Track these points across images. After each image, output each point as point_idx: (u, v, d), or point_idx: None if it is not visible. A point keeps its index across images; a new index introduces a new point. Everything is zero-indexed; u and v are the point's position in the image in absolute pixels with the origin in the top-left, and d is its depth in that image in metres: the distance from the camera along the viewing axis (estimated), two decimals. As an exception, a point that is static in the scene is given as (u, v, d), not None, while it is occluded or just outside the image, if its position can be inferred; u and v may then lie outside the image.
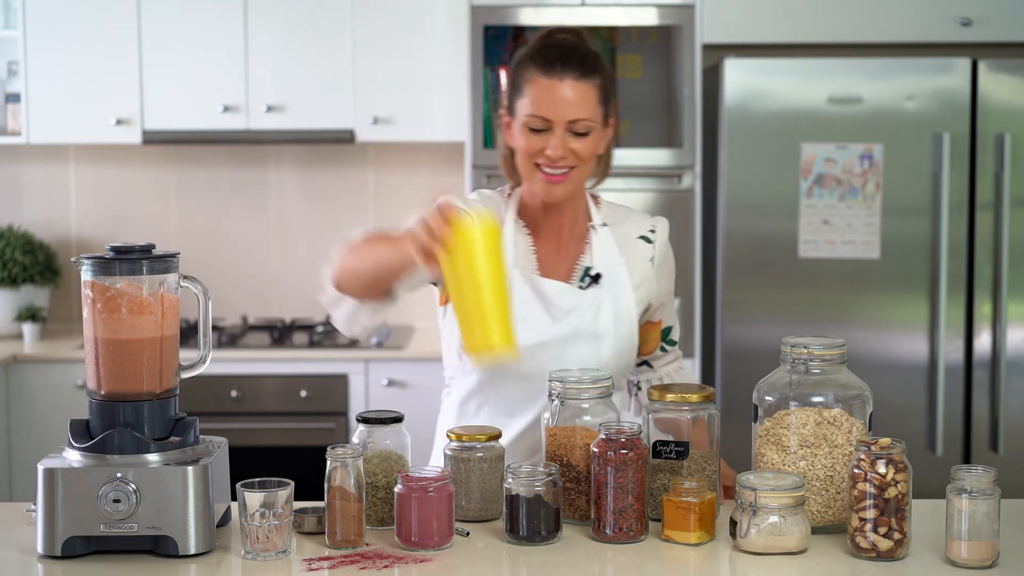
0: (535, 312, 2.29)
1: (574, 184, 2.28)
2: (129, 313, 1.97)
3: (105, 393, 1.97)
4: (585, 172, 2.29)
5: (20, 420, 4.37)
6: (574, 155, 2.24)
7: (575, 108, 2.22)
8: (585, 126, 2.23)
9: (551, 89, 2.22)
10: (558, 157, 2.22)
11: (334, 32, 4.60)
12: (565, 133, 2.22)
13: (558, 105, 2.21)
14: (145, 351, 1.97)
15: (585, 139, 2.24)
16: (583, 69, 2.23)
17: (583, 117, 2.22)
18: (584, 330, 2.30)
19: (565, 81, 2.22)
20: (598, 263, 2.34)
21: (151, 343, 1.98)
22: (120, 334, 1.97)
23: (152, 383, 1.98)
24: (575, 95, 2.22)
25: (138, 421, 1.96)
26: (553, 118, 2.22)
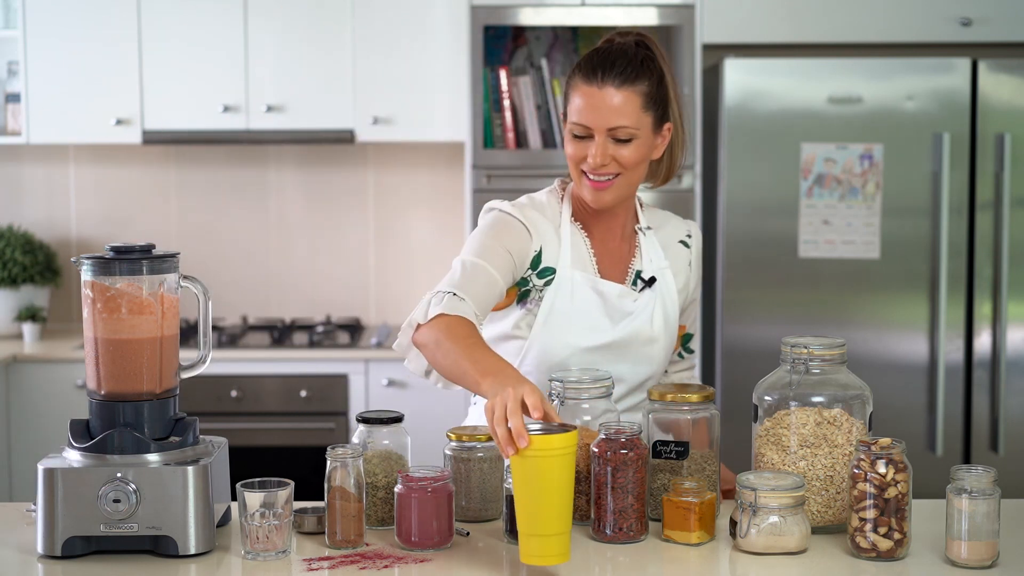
0: (597, 315, 2.28)
1: (621, 191, 2.26)
2: (129, 313, 1.97)
3: (105, 393, 1.97)
4: (632, 179, 2.27)
5: (20, 420, 4.37)
6: (616, 162, 2.22)
7: (615, 115, 2.20)
8: (627, 133, 2.21)
9: (592, 96, 2.20)
10: (598, 165, 2.20)
11: (334, 32, 4.60)
12: (607, 140, 2.21)
13: (598, 112, 2.20)
14: (145, 351, 1.97)
15: (628, 146, 2.22)
16: (624, 76, 2.20)
17: (623, 124, 2.20)
18: (640, 333, 2.31)
19: (605, 88, 2.20)
20: (647, 266, 2.34)
21: (151, 343, 1.98)
22: (120, 334, 1.97)
23: (152, 383, 1.98)
24: (615, 102, 2.20)
25: (138, 421, 1.96)
26: (593, 125, 2.20)
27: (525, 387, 1.87)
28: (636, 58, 2.23)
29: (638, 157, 2.23)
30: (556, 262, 2.29)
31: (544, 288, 2.28)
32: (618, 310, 2.30)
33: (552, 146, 4.42)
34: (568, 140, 2.25)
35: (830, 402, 2.03)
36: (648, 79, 2.23)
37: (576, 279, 2.28)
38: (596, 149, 2.20)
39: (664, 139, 2.28)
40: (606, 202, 2.26)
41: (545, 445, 1.80)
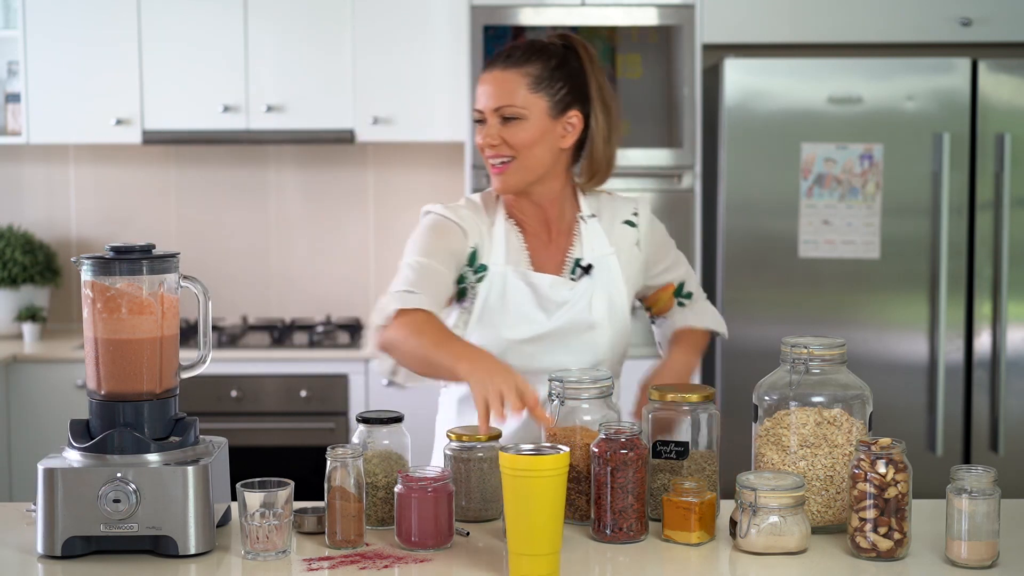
0: (529, 307, 2.32)
1: (520, 175, 2.31)
2: (129, 313, 1.97)
3: (105, 393, 1.97)
4: (530, 162, 2.30)
5: (20, 420, 4.37)
6: (506, 143, 2.28)
7: (497, 96, 2.28)
8: (512, 112, 2.27)
9: (483, 82, 2.31)
10: (487, 144, 2.29)
11: (334, 32, 4.60)
12: (496, 121, 2.28)
13: (486, 95, 2.29)
14: (145, 351, 1.97)
15: (515, 125, 2.28)
16: (511, 60, 2.29)
17: (507, 103, 2.27)
18: (578, 321, 2.33)
19: (491, 73, 2.30)
20: (588, 254, 2.37)
21: (151, 343, 1.98)
22: (120, 334, 1.96)
23: (152, 383, 1.98)
24: (498, 83, 2.28)
25: (138, 421, 1.96)
26: (483, 108, 2.30)
27: (516, 377, 1.99)
28: (532, 46, 2.31)
29: (528, 138, 2.28)
30: (489, 259, 2.34)
31: (477, 285, 2.33)
32: (552, 301, 2.33)
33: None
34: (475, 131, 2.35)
35: (830, 402, 2.03)
36: (539, 63, 2.29)
37: (507, 274, 2.32)
38: (486, 130, 2.29)
39: (572, 128, 2.32)
40: (507, 186, 2.31)
41: (537, 466, 1.81)
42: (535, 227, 2.38)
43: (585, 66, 2.33)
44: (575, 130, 2.32)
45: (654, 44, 4.77)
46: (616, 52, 4.75)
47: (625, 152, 4.37)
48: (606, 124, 2.35)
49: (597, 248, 2.37)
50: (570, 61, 2.32)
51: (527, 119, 2.28)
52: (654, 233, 2.46)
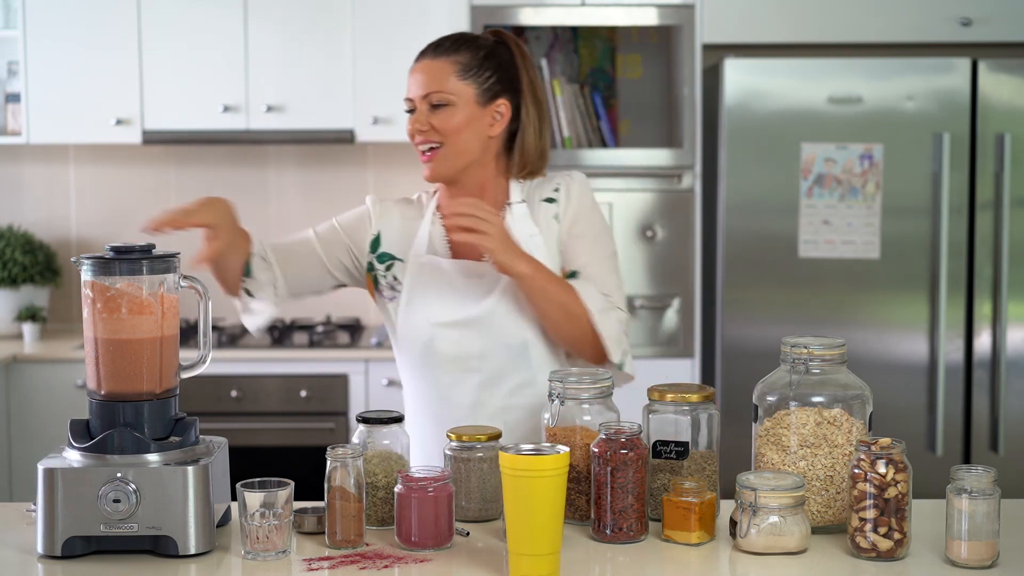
0: (451, 293, 2.36)
1: (447, 162, 2.35)
2: (129, 313, 1.97)
3: (105, 393, 1.97)
4: (457, 148, 2.34)
5: (20, 420, 4.37)
6: (434, 130, 2.32)
7: (426, 83, 2.32)
8: (439, 98, 2.32)
9: (412, 73, 2.36)
10: (416, 130, 2.33)
11: (334, 32, 4.60)
12: (425, 108, 2.33)
13: (413, 84, 2.35)
14: (145, 351, 1.97)
15: (442, 111, 2.32)
16: (440, 49, 2.35)
17: (434, 89, 2.31)
18: (505, 305, 2.34)
19: (420, 63, 2.36)
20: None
21: (151, 343, 1.98)
22: (120, 334, 1.96)
23: (152, 383, 1.98)
24: (428, 71, 2.33)
25: (138, 421, 1.96)
26: (412, 96, 2.34)
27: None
28: (462, 37, 2.37)
29: (456, 124, 2.32)
30: (406, 251, 2.39)
31: (387, 272, 2.40)
32: (476, 287, 2.35)
33: (552, 146, 4.42)
34: None
35: (830, 402, 2.03)
36: (467, 52, 2.35)
37: (427, 263, 2.37)
38: (414, 116, 2.34)
39: (501, 116, 2.35)
40: (435, 173, 2.36)
41: (537, 466, 1.81)
42: None
43: (516, 59, 2.38)
44: (503, 119, 2.36)
45: (654, 44, 4.77)
46: (616, 52, 4.75)
47: (625, 152, 4.38)
48: (537, 116, 2.39)
49: (520, 231, 2.36)
50: (500, 53, 2.37)
51: (455, 105, 2.32)
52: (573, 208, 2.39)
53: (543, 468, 1.81)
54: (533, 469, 1.81)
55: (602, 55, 4.73)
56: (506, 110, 2.36)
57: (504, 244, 2.22)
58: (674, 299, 4.36)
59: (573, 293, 2.30)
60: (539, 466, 1.81)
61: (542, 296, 2.28)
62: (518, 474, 1.81)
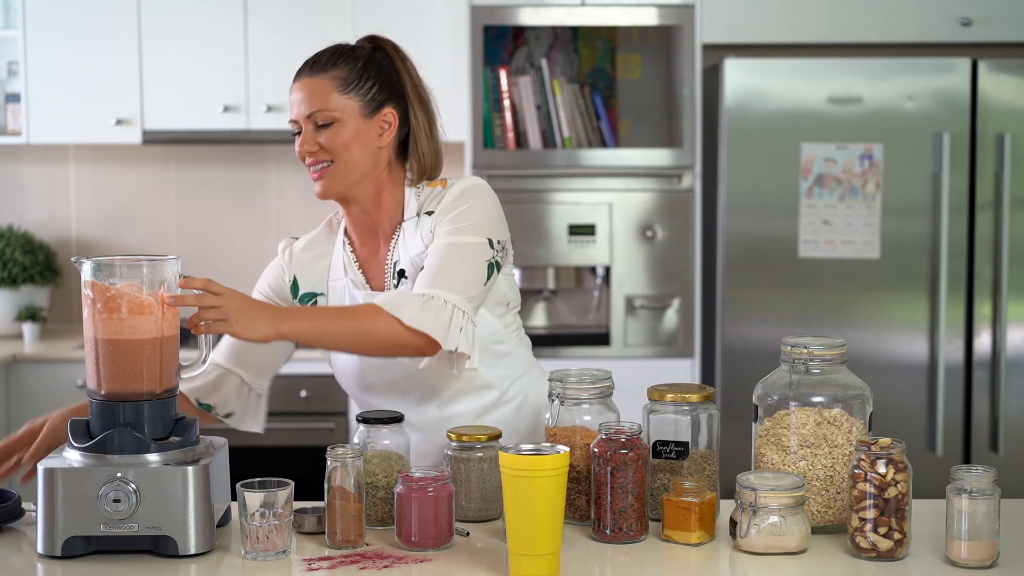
0: None
1: (339, 178, 2.28)
2: (129, 313, 1.97)
3: (105, 393, 1.97)
4: (349, 165, 2.27)
5: (20, 420, 4.36)
6: (323, 148, 2.26)
7: (308, 102, 2.26)
8: (325, 117, 2.25)
9: (293, 92, 2.29)
10: (306, 152, 2.26)
11: (334, 32, 4.58)
12: (310, 128, 2.26)
13: (295, 104, 2.28)
14: (145, 351, 1.97)
15: (328, 131, 2.25)
16: (315, 67, 2.28)
17: (318, 108, 2.25)
18: None
19: (298, 82, 2.29)
20: (403, 257, 2.31)
21: (151, 344, 1.98)
22: (120, 335, 1.96)
23: (152, 383, 1.98)
24: (308, 90, 2.27)
25: (138, 421, 1.96)
26: (296, 117, 2.28)
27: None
28: (338, 50, 2.30)
29: (344, 140, 2.26)
30: (324, 284, 2.37)
31: None
32: None
33: (552, 146, 4.42)
34: None
35: (830, 402, 2.03)
36: (345, 65, 2.28)
37: (348, 287, 2.33)
38: (301, 138, 2.27)
39: (389, 125, 2.29)
40: (328, 191, 2.30)
41: (537, 466, 1.81)
42: (364, 237, 2.36)
43: (396, 64, 2.32)
44: (391, 128, 2.30)
45: (654, 44, 4.77)
46: (616, 52, 4.75)
47: (625, 152, 4.38)
48: (425, 118, 2.34)
49: (411, 249, 2.30)
50: (378, 60, 2.31)
51: (340, 121, 2.26)
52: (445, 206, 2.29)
53: (543, 468, 1.81)
54: (533, 469, 1.81)
55: (602, 55, 4.73)
56: (393, 118, 2.29)
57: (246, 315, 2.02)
58: (674, 299, 4.36)
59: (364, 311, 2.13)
60: (539, 466, 1.81)
61: (324, 338, 2.12)
62: (518, 474, 1.81)
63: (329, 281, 2.37)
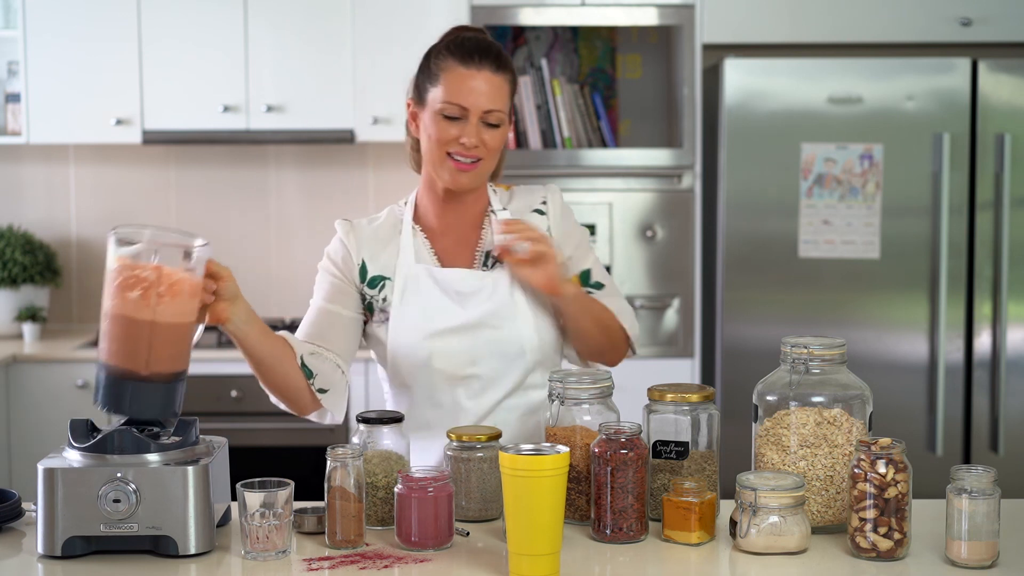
0: (442, 301, 2.31)
1: (480, 176, 2.31)
2: (149, 294, 1.93)
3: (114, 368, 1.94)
4: (490, 165, 2.32)
5: (20, 420, 4.37)
6: (484, 145, 2.27)
7: (490, 99, 2.26)
8: (497, 117, 2.27)
9: (471, 78, 2.26)
10: (472, 145, 2.25)
11: (334, 32, 4.60)
12: (479, 123, 2.26)
13: (475, 94, 2.25)
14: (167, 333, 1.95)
15: (496, 131, 2.28)
16: (498, 63, 2.28)
17: (497, 108, 2.26)
18: (497, 311, 2.31)
19: (483, 72, 2.26)
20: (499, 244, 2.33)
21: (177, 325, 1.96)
22: (139, 314, 1.93)
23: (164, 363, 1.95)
24: (491, 86, 2.26)
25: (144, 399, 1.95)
26: (469, 106, 2.25)
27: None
28: (501, 50, 2.32)
29: (501, 143, 2.31)
30: (392, 268, 2.34)
31: (378, 295, 2.34)
32: (463, 293, 2.32)
33: (552, 146, 4.42)
34: (435, 122, 2.27)
35: (830, 402, 2.03)
36: (512, 70, 2.32)
37: (418, 274, 2.32)
38: (471, 129, 2.25)
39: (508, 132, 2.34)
40: (464, 184, 2.30)
41: (537, 466, 1.81)
42: (445, 227, 2.38)
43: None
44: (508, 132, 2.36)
45: (654, 44, 4.77)
46: (616, 52, 4.75)
47: (625, 152, 4.38)
48: None
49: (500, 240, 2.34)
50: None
51: (503, 124, 2.30)
52: (564, 220, 2.42)
53: (543, 468, 1.81)
54: (533, 469, 1.81)
55: (602, 55, 4.73)
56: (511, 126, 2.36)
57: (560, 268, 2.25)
58: (674, 299, 4.36)
59: (600, 304, 2.34)
60: (539, 466, 1.81)
61: (583, 313, 2.30)
62: (518, 474, 1.81)
63: (398, 266, 2.34)
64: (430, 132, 2.29)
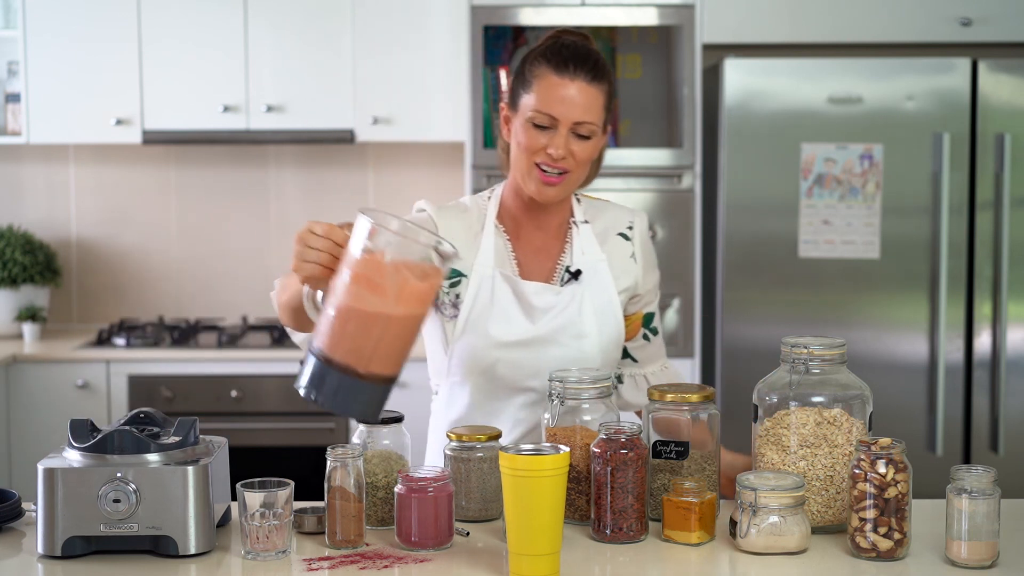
0: (514, 311, 2.27)
1: (568, 188, 2.26)
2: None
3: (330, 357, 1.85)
4: (579, 176, 2.27)
5: (20, 420, 4.37)
6: (573, 157, 2.22)
7: (582, 110, 2.20)
8: (588, 129, 2.21)
9: (563, 87, 2.19)
10: (559, 156, 2.20)
11: (334, 32, 4.60)
12: (569, 134, 2.20)
13: (566, 105, 2.19)
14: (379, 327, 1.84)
15: (586, 143, 2.22)
16: (594, 73, 2.21)
17: (589, 120, 2.20)
18: (565, 328, 2.29)
19: (576, 82, 2.20)
20: (578, 260, 2.32)
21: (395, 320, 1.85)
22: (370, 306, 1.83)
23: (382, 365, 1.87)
24: (584, 97, 2.20)
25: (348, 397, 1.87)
26: (560, 117, 2.19)
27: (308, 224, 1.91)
28: (600, 58, 2.25)
29: (591, 155, 2.25)
30: (469, 266, 2.28)
31: (450, 289, 2.29)
32: (536, 307, 2.28)
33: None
34: (524, 130, 2.22)
35: (830, 402, 2.03)
36: (609, 80, 2.25)
37: (495, 277, 2.28)
38: (559, 140, 2.20)
39: (604, 139, 2.30)
40: (550, 197, 2.25)
41: (537, 466, 1.81)
42: (528, 232, 2.34)
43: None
44: (604, 141, 2.30)
45: (654, 44, 4.77)
46: (616, 52, 4.75)
47: (625, 152, 4.38)
48: None
49: (588, 253, 2.33)
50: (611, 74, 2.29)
51: (596, 136, 2.24)
52: (646, 253, 2.41)
53: (543, 468, 1.81)
54: (533, 469, 1.81)
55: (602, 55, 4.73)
56: (607, 136, 2.29)
57: None
58: (674, 299, 4.36)
59: None
60: (539, 466, 1.81)
61: None
62: (518, 474, 1.81)
63: (475, 266, 2.28)
64: (519, 139, 2.23)
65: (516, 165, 2.27)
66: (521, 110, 2.24)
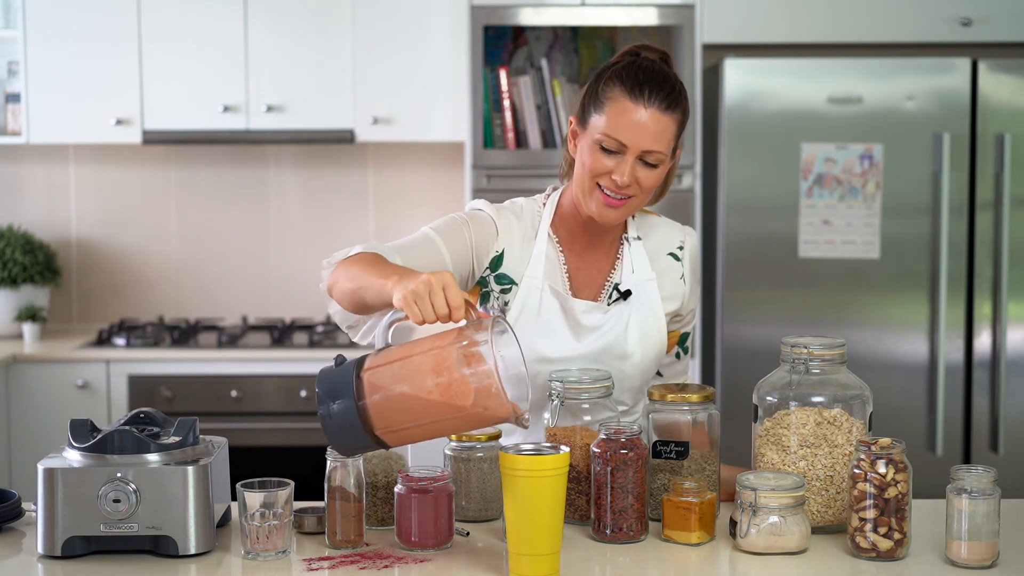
0: (560, 328, 2.24)
1: (628, 211, 2.21)
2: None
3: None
4: (642, 201, 2.21)
5: (20, 420, 4.37)
6: (638, 184, 2.15)
7: (652, 139, 2.13)
8: (657, 158, 2.14)
9: (635, 113, 2.12)
10: (624, 184, 2.14)
11: (334, 32, 4.60)
12: (636, 161, 2.14)
13: (637, 131, 2.12)
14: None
15: (653, 171, 2.15)
16: (669, 100, 2.14)
17: (658, 149, 2.13)
18: (610, 349, 2.25)
19: (650, 109, 2.12)
20: (627, 279, 2.28)
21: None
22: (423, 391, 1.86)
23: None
24: (656, 125, 2.13)
25: None
26: (629, 143, 2.13)
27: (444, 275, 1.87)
28: (677, 83, 2.18)
29: (657, 182, 2.19)
30: (519, 272, 2.25)
31: (501, 295, 2.25)
32: (583, 326, 2.25)
33: (552, 146, 4.42)
34: (591, 151, 2.16)
35: (830, 402, 2.03)
36: (684, 106, 2.18)
37: (544, 289, 2.24)
38: (625, 167, 2.13)
39: (674, 165, 2.24)
40: (611, 219, 2.20)
41: (537, 466, 1.81)
42: (579, 246, 2.29)
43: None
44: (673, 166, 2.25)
45: (654, 44, 4.76)
46: (616, 52, 4.75)
47: (625, 152, 4.38)
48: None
49: (638, 273, 2.28)
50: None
51: (663, 164, 2.17)
52: (695, 272, 2.36)
53: (543, 468, 1.81)
54: (533, 469, 1.81)
55: (602, 55, 4.73)
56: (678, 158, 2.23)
57: None
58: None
59: None
60: (539, 466, 1.81)
61: None
62: (518, 474, 1.81)
63: (525, 275, 2.24)
64: (584, 159, 2.17)
65: (578, 183, 2.21)
66: (590, 130, 2.17)
